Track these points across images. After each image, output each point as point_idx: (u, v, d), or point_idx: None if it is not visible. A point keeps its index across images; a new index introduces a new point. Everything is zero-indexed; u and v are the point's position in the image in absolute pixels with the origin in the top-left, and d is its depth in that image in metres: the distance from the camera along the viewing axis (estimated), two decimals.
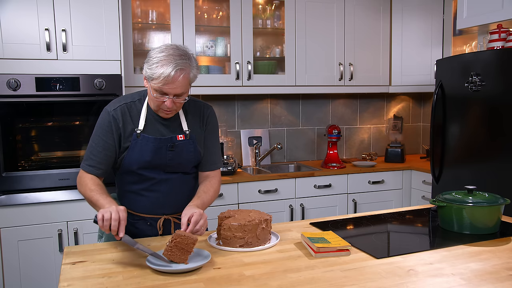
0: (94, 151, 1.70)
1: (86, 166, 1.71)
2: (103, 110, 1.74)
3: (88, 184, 1.66)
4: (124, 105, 1.73)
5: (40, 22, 2.63)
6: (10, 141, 2.64)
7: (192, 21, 3.18)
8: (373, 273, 1.34)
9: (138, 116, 1.73)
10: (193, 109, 1.81)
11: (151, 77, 1.59)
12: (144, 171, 1.73)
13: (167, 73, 1.55)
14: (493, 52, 2.66)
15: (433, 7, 3.59)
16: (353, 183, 3.42)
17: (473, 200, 1.73)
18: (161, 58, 1.57)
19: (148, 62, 1.61)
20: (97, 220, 1.46)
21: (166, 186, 1.77)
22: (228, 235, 1.57)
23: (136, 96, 1.78)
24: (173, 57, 1.57)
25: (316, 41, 3.51)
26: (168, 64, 1.56)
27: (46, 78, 2.64)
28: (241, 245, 1.56)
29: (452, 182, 2.93)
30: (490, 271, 1.35)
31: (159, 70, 1.56)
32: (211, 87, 3.28)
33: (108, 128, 1.70)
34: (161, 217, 1.79)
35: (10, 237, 2.61)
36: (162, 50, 1.60)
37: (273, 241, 1.63)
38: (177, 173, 1.78)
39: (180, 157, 1.75)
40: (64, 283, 1.30)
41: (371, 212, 2.10)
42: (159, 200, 1.77)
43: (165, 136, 1.73)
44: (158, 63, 1.57)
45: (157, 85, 1.59)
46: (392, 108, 4.21)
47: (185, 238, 1.39)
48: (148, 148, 1.70)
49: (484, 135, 2.67)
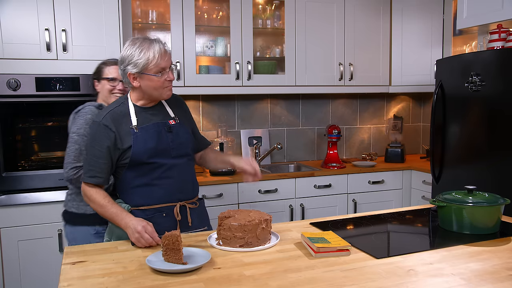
0: (92, 161, 1.76)
1: (87, 178, 1.76)
2: (92, 123, 1.82)
3: (96, 200, 1.74)
4: (111, 111, 1.80)
5: (40, 22, 2.64)
6: (10, 141, 2.64)
7: (192, 21, 3.18)
8: (373, 273, 1.34)
9: (128, 115, 1.80)
10: (172, 101, 1.93)
11: (146, 63, 1.70)
12: (154, 159, 1.78)
13: (158, 49, 1.71)
14: (493, 52, 2.66)
15: (433, 7, 3.59)
16: (353, 183, 3.42)
17: (473, 200, 1.73)
18: (140, 45, 1.71)
19: (132, 58, 1.72)
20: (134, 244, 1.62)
21: (177, 171, 1.83)
22: (228, 235, 1.57)
23: (118, 101, 1.86)
24: (146, 41, 1.73)
25: (316, 41, 3.51)
26: (149, 44, 1.72)
27: (46, 78, 2.64)
28: (241, 245, 1.56)
29: (452, 182, 2.93)
30: (490, 271, 1.35)
31: (149, 52, 1.70)
32: (211, 87, 3.28)
33: (101, 137, 1.75)
34: (177, 204, 1.82)
35: (10, 237, 2.61)
36: (132, 43, 1.74)
37: (273, 241, 1.63)
38: (183, 158, 1.86)
39: (179, 137, 1.85)
40: (64, 283, 1.30)
41: (371, 212, 2.10)
42: (172, 186, 1.82)
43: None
44: (142, 49, 1.71)
45: (156, 64, 1.71)
46: (392, 108, 4.21)
47: (169, 237, 1.41)
48: (150, 134, 1.78)
49: (484, 135, 2.67)
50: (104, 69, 2.20)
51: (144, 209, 1.77)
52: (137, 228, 1.61)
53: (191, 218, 1.85)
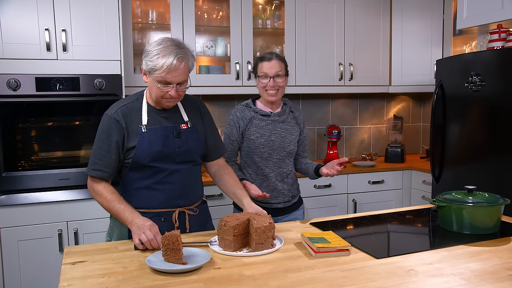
0: (99, 155, 1.73)
1: (92, 171, 1.74)
2: (104, 115, 1.77)
3: (103, 194, 1.72)
4: (123, 106, 1.77)
5: (40, 22, 2.64)
6: (10, 141, 2.64)
7: (192, 21, 3.18)
8: (373, 273, 1.34)
9: (140, 114, 1.76)
10: (188, 102, 1.89)
11: (153, 68, 1.65)
12: (156, 163, 1.75)
13: (170, 62, 1.62)
14: (493, 52, 2.66)
15: (433, 7, 3.59)
16: (353, 183, 3.42)
17: (473, 200, 1.73)
18: (160, 49, 1.65)
19: (147, 55, 1.67)
20: (136, 245, 1.57)
21: (179, 177, 1.80)
22: (229, 240, 1.55)
23: (133, 97, 1.82)
24: (171, 48, 1.65)
25: (316, 41, 3.51)
26: (169, 54, 1.63)
27: (46, 78, 2.64)
28: (242, 251, 1.54)
29: (452, 182, 2.93)
30: (490, 271, 1.35)
31: (161, 60, 1.63)
32: (211, 87, 3.28)
33: (110, 131, 1.73)
34: (176, 210, 1.80)
35: (10, 237, 2.61)
36: (159, 43, 1.67)
37: (277, 245, 1.59)
38: (187, 164, 1.82)
39: (187, 143, 1.80)
40: (64, 283, 1.30)
41: (371, 212, 2.10)
42: (173, 192, 1.79)
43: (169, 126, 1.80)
44: (159, 54, 1.64)
45: (161, 75, 1.65)
46: (392, 108, 4.21)
47: (169, 237, 1.40)
48: (157, 138, 1.74)
49: (484, 135, 2.67)
50: (258, 65, 2.20)
51: (143, 212, 1.76)
52: (145, 224, 1.59)
53: (190, 225, 1.82)
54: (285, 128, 2.23)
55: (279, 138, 2.20)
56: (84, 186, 2.74)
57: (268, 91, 2.16)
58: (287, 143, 2.22)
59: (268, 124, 2.20)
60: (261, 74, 2.16)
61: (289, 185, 2.27)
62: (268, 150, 2.19)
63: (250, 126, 2.20)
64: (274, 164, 2.21)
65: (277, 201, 2.25)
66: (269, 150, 2.19)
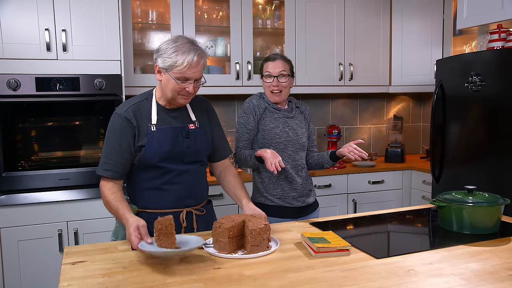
0: (109, 155, 1.72)
1: (103, 171, 1.72)
2: (114, 114, 1.76)
3: (104, 194, 1.71)
4: (133, 105, 1.76)
5: (40, 22, 2.63)
6: (10, 141, 2.64)
7: (192, 21, 3.18)
8: (373, 273, 1.34)
9: (150, 113, 1.77)
10: (196, 102, 1.90)
11: (173, 65, 1.67)
12: (165, 163, 1.75)
13: (191, 58, 1.66)
14: (493, 52, 2.66)
15: (433, 7, 3.59)
16: (353, 183, 3.42)
17: (473, 200, 1.73)
18: (179, 46, 1.67)
19: (164, 53, 1.68)
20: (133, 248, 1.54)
21: (187, 177, 1.80)
22: (224, 242, 1.53)
23: (142, 96, 1.82)
24: (188, 45, 1.68)
25: (316, 41, 3.51)
26: (188, 51, 1.67)
27: (46, 78, 2.64)
28: (237, 253, 1.54)
29: (452, 182, 2.93)
30: (490, 271, 1.35)
31: (181, 57, 1.66)
32: (211, 87, 3.28)
33: (121, 130, 1.72)
34: (183, 210, 1.80)
35: (10, 237, 2.61)
36: (175, 40, 1.70)
37: (273, 247, 1.57)
38: (195, 164, 1.83)
39: (195, 144, 1.81)
40: (64, 283, 1.30)
41: (371, 212, 2.10)
42: (181, 193, 1.79)
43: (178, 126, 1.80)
44: (177, 51, 1.66)
45: (181, 72, 1.67)
46: (392, 108, 4.21)
47: (163, 222, 1.41)
48: (166, 138, 1.74)
49: (484, 135, 2.67)
50: (263, 65, 2.22)
51: (150, 212, 1.76)
52: (129, 230, 1.52)
53: (197, 225, 1.82)
54: (295, 122, 2.24)
55: (291, 130, 2.20)
56: (84, 186, 2.74)
57: (272, 90, 2.17)
58: (299, 136, 2.22)
59: (280, 117, 2.20)
60: (266, 73, 2.18)
61: (303, 179, 2.23)
62: (284, 141, 2.18)
63: (265, 116, 2.19)
64: (289, 156, 2.19)
65: (295, 195, 2.19)
66: (284, 141, 2.18)
